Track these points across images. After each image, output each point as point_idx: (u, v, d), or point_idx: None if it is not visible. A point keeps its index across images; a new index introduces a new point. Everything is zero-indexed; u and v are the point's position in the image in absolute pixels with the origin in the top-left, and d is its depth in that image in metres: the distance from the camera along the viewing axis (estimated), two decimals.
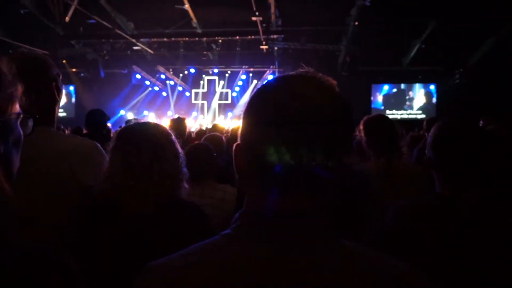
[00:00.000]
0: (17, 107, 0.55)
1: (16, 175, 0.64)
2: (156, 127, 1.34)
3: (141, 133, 1.29)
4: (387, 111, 12.13)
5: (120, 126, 5.80)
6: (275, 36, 10.74)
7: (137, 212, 1.19)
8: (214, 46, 11.52)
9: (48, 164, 1.21)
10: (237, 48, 11.43)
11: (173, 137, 1.34)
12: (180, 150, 1.34)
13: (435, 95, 12.25)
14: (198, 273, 0.53)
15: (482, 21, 8.70)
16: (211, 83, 14.48)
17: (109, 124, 5.03)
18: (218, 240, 0.56)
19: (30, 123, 0.59)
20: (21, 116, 0.56)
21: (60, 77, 1.36)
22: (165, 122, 5.47)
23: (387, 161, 1.96)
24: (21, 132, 0.57)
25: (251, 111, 0.59)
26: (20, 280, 0.53)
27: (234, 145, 0.60)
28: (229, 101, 14.41)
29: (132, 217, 1.20)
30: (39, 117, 1.21)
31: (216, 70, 13.75)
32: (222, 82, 14.33)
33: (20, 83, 0.55)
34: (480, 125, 3.78)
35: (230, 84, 14.22)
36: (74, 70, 12.85)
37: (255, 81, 13.50)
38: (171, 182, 1.26)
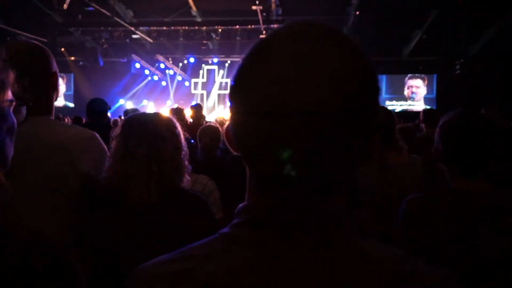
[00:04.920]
0: (9, 94, 0.54)
1: (15, 165, 0.63)
2: (160, 118, 1.35)
3: (143, 123, 1.31)
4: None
5: (120, 116, 5.78)
6: (275, 25, 10.64)
7: (139, 201, 1.21)
8: (213, 35, 11.42)
9: (48, 153, 1.21)
10: (237, 38, 11.32)
11: (178, 129, 1.35)
12: (184, 143, 1.35)
13: (435, 86, 12.21)
14: (190, 284, 0.45)
15: (483, 11, 8.62)
16: (210, 72, 14.39)
17: (109, 114, 5.03)
18: (216, 242, 0.48)
19: (24, 110, 0.58)
20: (14, 103, 0.55)
21: (57, 71, 1.35)
22: (164, 112, 5.48)
23: (380, 152, 1.98)
24: (15, 119, 0.56)
25: (236, 95, 0.47)
26: (16, 275, 0.53)
27: (225, 127, 0.52)
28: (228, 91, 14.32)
29: (135, 205, 1.22)
30: (37, 106, 1.21)
31: (215, 60, 13.64)
32: (221, 72, 14.24)
33: (12, 69, 0.54)
34: None
35: (230, 73, 14.11)
36: (72, 58, 12.75)
37: None
38: (171, 173, 1.27)
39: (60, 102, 12.89)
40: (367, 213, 1.90)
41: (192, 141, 2.30)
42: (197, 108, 4.60)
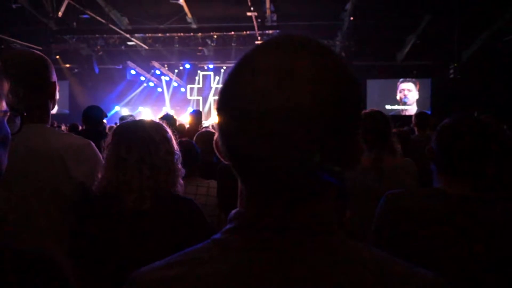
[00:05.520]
0: (3, 105, 0.54)
1: (9, 173, 0.63)
2: (150, 123, 1.35)
3: (133, 129, 1.31)
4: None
5: (116, 123, 5.77)
6: (270, 32, 10.70)
7: (134, 207, 1.21)
8: (209, 42, 11.46)
9: (42, 162, 1.20)
10: (232, 44, 11.37)
11: (169, 134, 1.35)
12: (175, 147, 1.34)
13: (429, 90, 12.33)
14: None
15: (476, 16, 8.72)
16: (206, 78, 14.42)
17: (104, 121, 5.01)
18: (209, 248, 0.49)
19: (18, 121, 0.58)
20: (8, 113, 0.55)
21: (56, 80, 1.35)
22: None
23: (376, 156, 2.01)
24: (9, 130, 0.56)
25: (222, 106, 0.48)
26: (7, 283, 0.52)
27: (215, 138, 0.52)
28: None
29: (129, 212, 1.21)
30: (33, 115, 1.21)
31: (211, 66, 13.68)
32: (217, 78, 14.28)
33: (6, 80, 0.54)
34: None
35: None
36: (67, 65, 12.73)
37: None
38: (165, 178, 1.27)
39: (54, 109, 12.84)
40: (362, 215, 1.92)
41: (198, 150, 2.30)
42: (196, 115, 4.58)
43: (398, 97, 12.58)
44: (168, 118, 3.79)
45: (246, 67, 0.47)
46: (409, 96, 12.55)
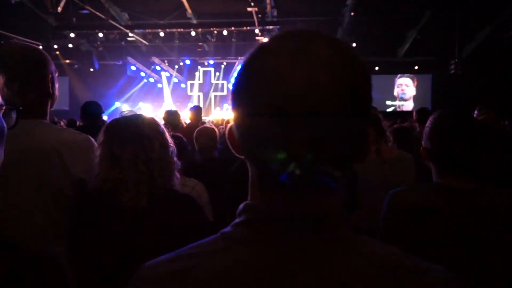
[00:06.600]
0: None
1: (6, 169, 0.62)
2: (142, 118, 1.33)
3: (125, 125, 1.28)
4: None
5: None
6: (270, 27, 10.66)
7: (131, 204, 1.19)
8: (209, 37, 11.43)
9: (40, 157, 1.20)
10: (233, 39, 11.34)
11: (162, 127, 1.33)
12: (169, 140, 1.33)
13: (430, 86, 12.32)
14: (190, 282, 0.45)
15: (477, 11, 8.68)
16: (206, 74, 14.39)
17: (105, 117, 5.00)
18: (217, 242, 0.48)
19: (14, 115, 0.57)
20: (3, 107, 0.54)
21: (56, 73, 1.34)
22: (160, 114, 5.47)
23: (376, 148, 2.07)
24: (4, 124, 0.55)
25: (239, 95, 0.47)
26: (3, 283, 0.52)
27: (228, 127, 0.51)
28: (225, 93, 14.35)
29: (127, 210, 1.20)
30: (29, 110, 1.20)
31: (211, 62, 13.66)
32: (217, 74, 14.25)
33: (1, 73, 0.53)
34: (475, 115, 3.83)
35: (226, 75, 14.14)
36: (67, 61, 12.71)
37: None
38: (160, 172, 1.25)
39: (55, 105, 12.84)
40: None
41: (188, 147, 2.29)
42: (196, 110, 4.59)
43: (395, 92, 12.56)
44: (172, 113, 3.79)
45: (260, 57, 0.46)
46: (406, 91, 12.54)
